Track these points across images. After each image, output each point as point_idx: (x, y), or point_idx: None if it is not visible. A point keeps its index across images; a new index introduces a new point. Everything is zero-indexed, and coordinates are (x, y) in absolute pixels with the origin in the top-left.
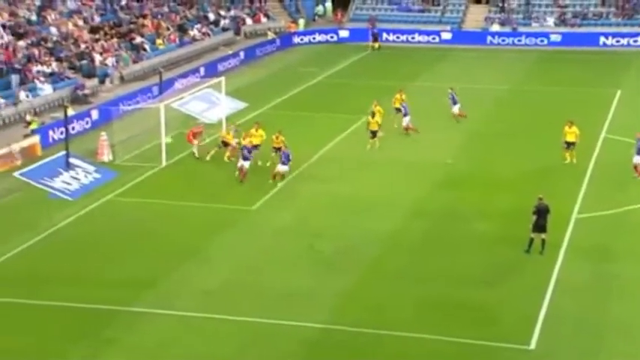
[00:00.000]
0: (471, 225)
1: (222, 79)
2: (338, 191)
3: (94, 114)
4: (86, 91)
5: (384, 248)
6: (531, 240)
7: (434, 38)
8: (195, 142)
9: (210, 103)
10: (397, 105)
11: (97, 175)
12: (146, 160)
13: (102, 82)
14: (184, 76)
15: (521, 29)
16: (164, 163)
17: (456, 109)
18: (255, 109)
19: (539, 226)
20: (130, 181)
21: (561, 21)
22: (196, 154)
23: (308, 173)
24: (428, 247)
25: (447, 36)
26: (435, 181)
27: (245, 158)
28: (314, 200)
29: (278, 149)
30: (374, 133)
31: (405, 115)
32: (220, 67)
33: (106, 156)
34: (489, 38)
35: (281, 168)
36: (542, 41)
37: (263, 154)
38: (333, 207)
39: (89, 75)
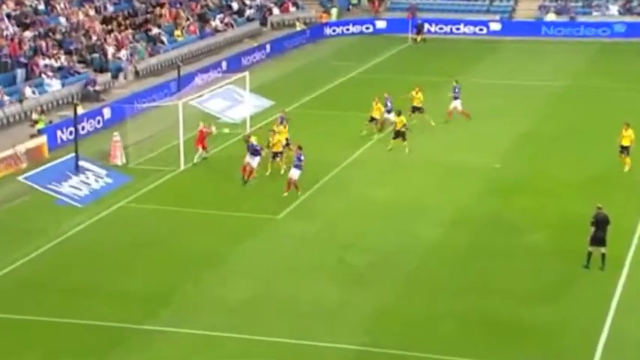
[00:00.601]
0: (521, 236)
1: (246, 74)
2: (372, 198)
3: (106, 112)
4: (97, 88)
5: (422, 261)
6: (589, 254)
7: (481, 29)
8: (200, 149)
9: (232, 101)
10: (416, 103)
11: (109, 180)
12: (163, 164)
13: (115, 77)
14: (205, 71)
15: (580, 19)
16: (182, 167)
17: (457, 105)
18: (281, 107)
19: (598, 239)
20: (145, 187)
21: (626, 9)
22: (196, 161)
23: (339, 178)
24: (472, 259)
25: (495, 27)
26: (481, 186)
27: (254, 153)
28: (346, 208)
29: (277, 154)
30: (398, 134)
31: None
32: (244, 61)
33: (119, 159)
34: (544, 29)
35: (294, 173)
36: (604, 32)
37: (287, 157)
38: (366, 215)
39: (101, 70)
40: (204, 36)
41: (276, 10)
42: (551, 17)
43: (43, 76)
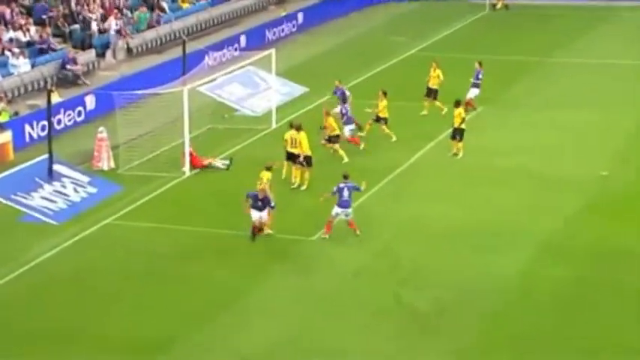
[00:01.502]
0: (638, 270)
1: (272, 52)
2: (435, 216)
3: (89, 102)
4: (78, 69)
5: (503, 302)
6: None
7: None
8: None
9: (253, 88)
10: (434, 85)
11: (93, 190)
12: (162, 169)
13: (101, 55)
14: (218, 47)
15: None
16: (187, 173)
17: (475, 94)
18: (317, 96)
19: None
20: (139, 199)
21: None
22: (217, 165)
23: (392, 189)
24: (570, 301)
25: None
26: (582, 202)
27: (263, 206)
28: (401, 229)
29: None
30: (457, 133)
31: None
32: (269, 36)
33: (106, 162)
34: None
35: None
36: None
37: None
38: (427, 240)
39: (83, 46)
40: (216, 3)
41: None
42: None
43: (7, 53)
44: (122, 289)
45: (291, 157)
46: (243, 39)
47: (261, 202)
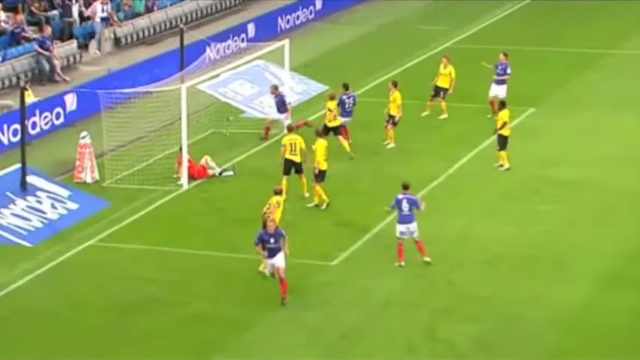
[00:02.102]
0: None
1: (286, 43)
2: (478, 236)
3: (70, 101)
4: (56, 63)
5: (559, 339)
6: None
7: None
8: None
9: (263, 85)
10: (443, 83)
11: (73, 206)
12: (155, 181)
13: (84, 47)
14: (221, 38)
15: None
16: (185, 185)
17: (500, 92)
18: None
19: None
20: (128, 216)
21: None
22: (223, 172)
23: (429, 204)
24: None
25: None
26: None
27: (274, 248)
28: (438, 251)
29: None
30: (498, 140)
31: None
32: (282, 24)
33: (89, 173)
34: None
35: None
36: None
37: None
38: (469, 263)
39: (62, 36)
40: None
41: None
42: None
43: None
44: (107, 324)
45: (290, 167)
46: (251, 28)
47: (273, 240)
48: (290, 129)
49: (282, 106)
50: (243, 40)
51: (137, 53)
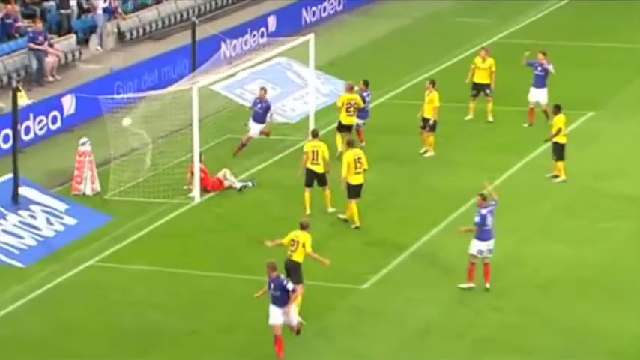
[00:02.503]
0: None
1: (311, 38)
2: (529, 256)
3: (68, 104)
4: (49, 61)
5: None
6: None
7: None
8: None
9: (285, 86)
10: (482, 79)
11: (71, 221)
12: (163, 193)
13: (82, 42)
14: (237, 33)
15: None
16: (197, 199)
17: (541, 97)
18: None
19: None
20: (133, 233)
21: None
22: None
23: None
24: None
25: None
26: None
27: (281, 296)
28: (480, 274)
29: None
30: (553, 149)
31: None
32: (307, 17)
33: (89, 184)
34: None
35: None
36: None
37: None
38: (518, 287)
39: (60, 30)
40: None
41: None
42: None
43: None
44: (107, 353)
45: (312, 178)
46: (271, 21)
47: (273, 286)
48: (314, 134)
49: (263, 115)
50: (262, 35)
51: (143, 50)
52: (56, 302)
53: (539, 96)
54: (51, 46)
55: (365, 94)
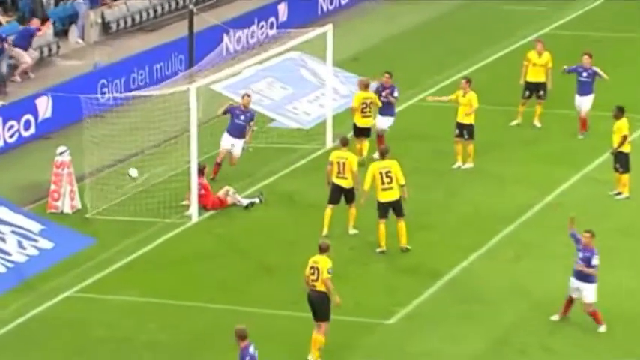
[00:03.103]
0: None
1: (329, 29)
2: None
3: (43, 107)
4: (25, 58)
5: None
6: None
7: None
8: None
9: (298, 86)
10: (537, 77)
11: (47, 244)
12: (155, 211)
13: (61, 34)
14: (243, 23)
15: None
16: (195, 218)
17: (586, 104)
18: (401, 98)
19: None
20: (119, 258)
21: None
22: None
23: (521, 242)
24: None
25: None
26: None
27: None
28: (533, 306)
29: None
30: (616, 160)
31: None
32: (324, 4)
33: (68, 201)
34: None
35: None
36: None
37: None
38: (571, 324)
39: (33, 19)
40: None
41: None
42: None
43: None
44: None
45: (338, 194)
46: (282, 9)
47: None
48: (344, 143)
49: (244, 128)
50: (271, 26)
51: (132, 43)
52: (29, 339)
53: (582, 103)
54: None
55: (389, 89)
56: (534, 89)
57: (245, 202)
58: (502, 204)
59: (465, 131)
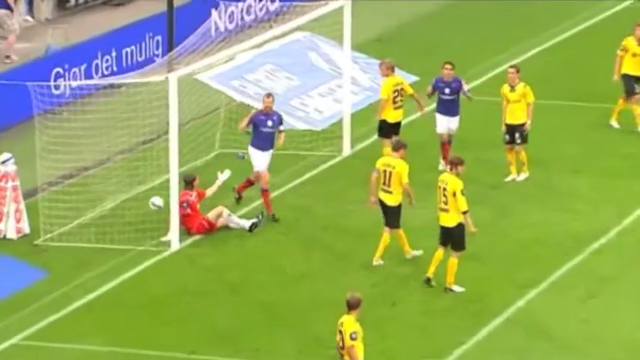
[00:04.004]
0: None
1: (346, 4)
2: None
3: None
4: None
5: None
6: None
7: None
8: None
9: (308, 76)
10: (634, 69)
11: None
12: (125, 235)
13: (6, 8)
14: None
15: None
16: (176, 244)
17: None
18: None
19: None
20: (78, 296)
21: None
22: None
23: (591, 275)
24: None
25: None
26: None
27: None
28: (605, 354)
29: None
30: None
31: None
32: None
33: (11, 223)
34: None
35: None
36: None
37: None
38: None
39: None
40: None
41: None
42: None
43: None
44: None
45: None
46: None
47: None
48: (397, 147)
49: (272, 136)
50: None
51: (96, 20)
52: None
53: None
54: None
55: (455, 84)
56: (637, 83)
57: (247, 223)
58: (570, 226)
59: (518, 134)
